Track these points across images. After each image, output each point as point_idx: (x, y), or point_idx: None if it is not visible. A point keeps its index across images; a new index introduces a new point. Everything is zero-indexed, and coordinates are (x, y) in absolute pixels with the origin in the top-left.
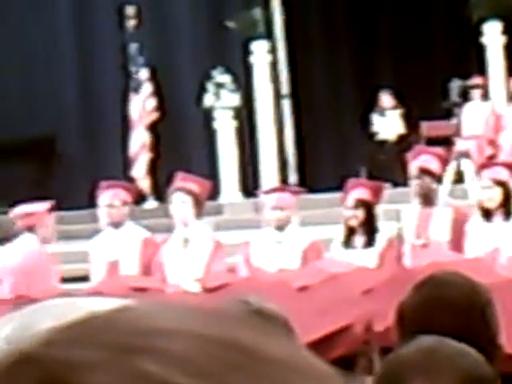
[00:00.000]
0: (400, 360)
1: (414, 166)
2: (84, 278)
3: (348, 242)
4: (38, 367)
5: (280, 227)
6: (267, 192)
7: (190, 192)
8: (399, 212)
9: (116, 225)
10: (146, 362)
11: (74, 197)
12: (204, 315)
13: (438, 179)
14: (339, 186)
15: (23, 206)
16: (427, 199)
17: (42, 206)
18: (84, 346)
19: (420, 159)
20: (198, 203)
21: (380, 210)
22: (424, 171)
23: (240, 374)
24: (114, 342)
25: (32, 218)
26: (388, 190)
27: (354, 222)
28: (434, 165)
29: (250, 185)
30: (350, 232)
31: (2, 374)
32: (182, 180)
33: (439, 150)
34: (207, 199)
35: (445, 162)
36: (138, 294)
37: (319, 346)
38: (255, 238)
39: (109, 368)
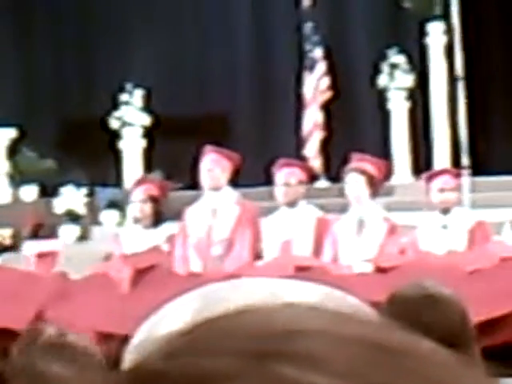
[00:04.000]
0: None
1: None
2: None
3: None
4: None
5: (445, 210)
6: (432, 175)
7: (364, 172)
8: None
9: (291, 204)
10: (284, 366)
11: (247, 175)
12: (330, 314)
13: None
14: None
15: None
16: None
17: None
18: (213, 353)
19: None
20: (373, 184)
21: None
22: None
23: (380, 370)
24: (244, 348)
25: None
26: None
27: None
28: None
29: (421, 166)
30: None
31: None
32: (357, 160)
33: None
34: (382, 180)
35: None
36: (306, 273)
37: (486, 329)
38: (422, 221)
39: (245, 376)
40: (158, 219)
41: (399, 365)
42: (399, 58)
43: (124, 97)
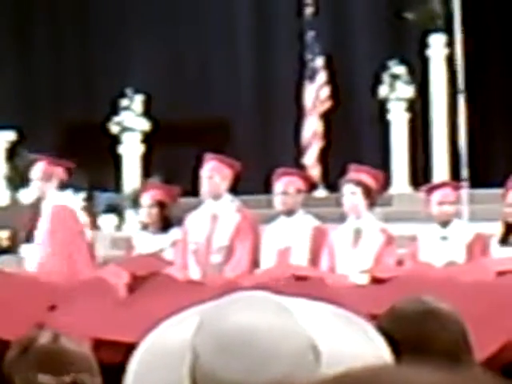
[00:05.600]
0: None
1: None
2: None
3: (506, 240)
4: None
5: (444, 222)
6: (432, 187)
7: (360, 183)
8: None
9: (289, 212)
10: None
11: (247, 182)
12: (421, 370)
13: None
14: (502, 182)
15: None
16: None
17: None
18: None
19: None
20: (370, 194)
21: None
22: None
23: None
24: None
25: None
26: None
27: None
28: None
29: (420, 177)
30: (509, 229)
31: None
32: (354, 171)
33: None
34: (379, 191)
35: None
36: (302, 283)
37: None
38: (421, 233)
39: None
40: (166, 224)
41: None
42: (400, 69)
43: (124, 102)
